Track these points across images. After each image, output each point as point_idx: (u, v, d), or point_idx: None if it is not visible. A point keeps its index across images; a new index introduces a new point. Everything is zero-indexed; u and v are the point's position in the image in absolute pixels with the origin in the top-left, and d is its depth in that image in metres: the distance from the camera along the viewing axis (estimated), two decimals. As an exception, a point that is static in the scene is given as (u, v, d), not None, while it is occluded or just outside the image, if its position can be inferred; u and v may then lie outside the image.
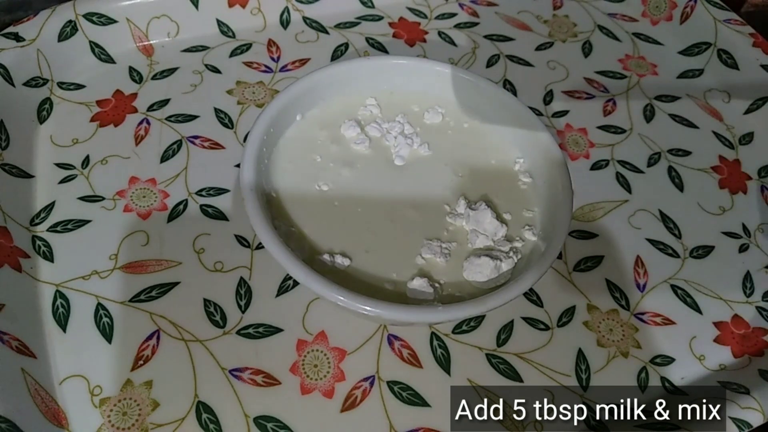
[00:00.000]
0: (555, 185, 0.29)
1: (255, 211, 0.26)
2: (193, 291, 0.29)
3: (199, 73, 0.38)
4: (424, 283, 0.27)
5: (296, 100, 0.31)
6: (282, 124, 0.31)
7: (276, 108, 0.30)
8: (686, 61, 0.43)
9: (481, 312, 0.25)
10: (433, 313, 0.25)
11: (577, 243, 0.33)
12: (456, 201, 0.30)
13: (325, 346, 0.28)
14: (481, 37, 0.43)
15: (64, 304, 0.28)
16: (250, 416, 0.26)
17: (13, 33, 0.35)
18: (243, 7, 0.41)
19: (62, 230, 0.31)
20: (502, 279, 0.27)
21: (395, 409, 0.27)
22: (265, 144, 0.29)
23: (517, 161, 0.32)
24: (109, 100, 0.36)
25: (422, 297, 0.26)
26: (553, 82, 0.40)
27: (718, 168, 0.37)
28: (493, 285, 0.27)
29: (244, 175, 0.27)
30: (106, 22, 0.38)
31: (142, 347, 0.27)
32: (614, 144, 0.38)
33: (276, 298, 0.29)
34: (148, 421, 0.26)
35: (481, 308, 0.25)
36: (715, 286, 0.32)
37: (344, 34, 0.42)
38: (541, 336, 0.29)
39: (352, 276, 0.27)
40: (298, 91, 0.31)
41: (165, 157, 0.34)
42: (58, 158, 0.33)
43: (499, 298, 0.25)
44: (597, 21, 0.45)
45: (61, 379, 0.26)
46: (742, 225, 0.35)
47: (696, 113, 0.40)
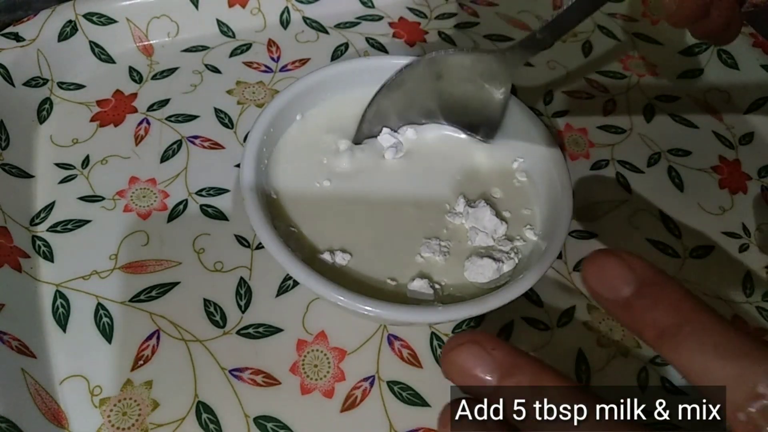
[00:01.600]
0: (554, 185, 0.29)
1: (255, 211, 0.26)
2: (193, 291, 0.29)
3: (199, 73, 0.38)
4: (424, 284, 0.27)
5: (296, 100, 0.31)
6: (282, 124, 0.31)
7: (276, 108, 0.30)
8: (686, 61, 0.43)
9: (480, 312, 0.25)
10: (432, 314, 0.25)
11: (577, 243, 0.33)
12: (455, 199, 0.30)
13: (325, 346, 0.28)
14: (481, 37, 0.43)
15: (64, 304, 0.28)
16: (250, 416, 0.26)
17: (13, 33, 0.35)
18: (243, 7, 0.41)
19: (62, 230, 0.31)
20: (503, 280, 0.27)
21: (395, 409, 0.27)
22: (265, 144, 0.29)
23: (516, 160, 0.32)
24: (109, 100, 0.36)
25: (422, 297, 0.26)
26: (553, 82, 0.40)
27: (718, 168, 0.37)
28: (493, 285, 0.27)
29: (244, 176, 0.27)
30: (106, 22, 0.38)
31: (142, 347, 0.27)
32: (614, 144, 0.38)
33: (276, 298, 0.29)
34: (148, 421, 0.26)
35: (481, 308, 0.25)
36: (715, 286, 0.32)
37: (344, 34, 0.42)
38: (541, 336, 0.29)
39: (352, 275, 0.27)
40: (298, 91, 0.31)
41: (165, 157, 0.34)
42: (58, 158, 0.33)
43: (499, 299, 0.25)
44: (597, 21, 0.45)
45: (61, 379, 0.26)
46: (742, 225, 0.35)
47: (696, 113, 0.40)
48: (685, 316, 0.19)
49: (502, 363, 0.20)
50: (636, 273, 0.20)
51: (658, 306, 0.20)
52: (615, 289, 0.20)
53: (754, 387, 0.18)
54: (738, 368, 0.18)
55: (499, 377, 0.20)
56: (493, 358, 0.20)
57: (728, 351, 0.18)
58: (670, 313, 0.20)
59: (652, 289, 0.20)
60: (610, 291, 0.21)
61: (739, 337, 0.19)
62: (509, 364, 0.20)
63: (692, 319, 0.19)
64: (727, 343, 0.19)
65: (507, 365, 0.20)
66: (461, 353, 0.20)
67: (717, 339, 0.19)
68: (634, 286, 0.20)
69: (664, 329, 0.19)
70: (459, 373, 0.20)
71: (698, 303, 0.20)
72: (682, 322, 0.19)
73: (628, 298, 0.20)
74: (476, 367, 0.20)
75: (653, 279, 0.20)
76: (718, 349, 0.18)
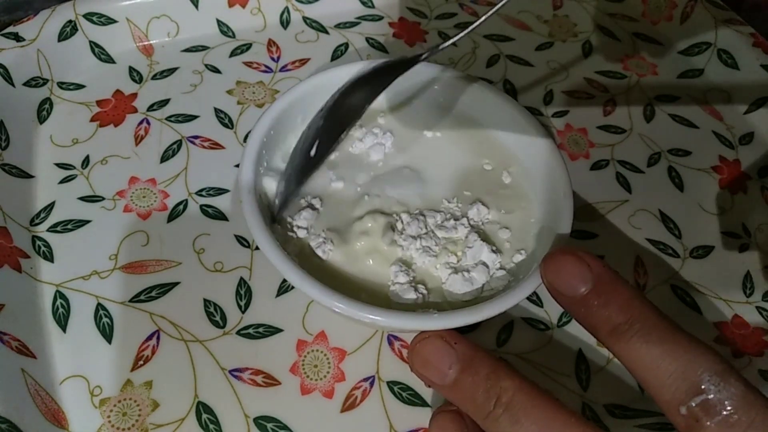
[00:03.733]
0: (555, 191, 0.29)
1: (252, 213, 0.26)
2: (193, 291, 0.29)
3: (199, 73, 0.38)
4: (407, 287, 0.26)
5: (299, 103, 0.31)
6: (283, 127, 0.31)
7: (277, 110, 0.30)
8: (686, 60, 0.43)
9: (477, 320, 0.24)
10: (429, 320, 0.24)
11: (577, 243, 0.33)
12: (451, 203, 0.29)
13: (325, 346, 0.28)
14: (481, 37, 0.43)
15: (64, 304, 0.28)
16: (250, 416, 0.26)
17: (13, 33, 0.35)
18: (243, 7, 0.41)
19: (62, 230, 0.31)
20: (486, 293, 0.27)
21: (395, 409, 0.27)
22: (265, 146, 0.29)
23: (514, 164, 0.31)
24: (109, 100, 0.36)
25: (405, 300, 0.26)
26: (553, 82, 0.40)
27: (718, 168, 0.37)
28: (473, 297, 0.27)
29: (242, 177, 0.27)
30: (106, 22, 0.38)
31: (142, 347, 0.27)
32: (614, 144, 0.38)
33: (276, 299, 0.29)
34: (148, 421, 0.26)
35: (477, 316, 0.24)
36: (715, 286, 0.32)
37: (344, 34, 0.42)
38: (542, 336, 0.29)
39: (346, 274, 0.27)
40: (300, 94, 0.31)
41: (165, 157, 0.34)
42: (58, 158, 0.33)
43: (498, 306, 0.24)
44: (597, 21, 0.45)
45: (61, 380, 0.26)
46: (742, 225, 0.35)
47: (696, 113, 0.40)
48: (636, 314, 0.20)
49: (464, 356, 0.21)
50: (593, 272, 0.21)
51: (611, 304, 0.21)
52: (573, 287, 0.22)
53: (697, 382, 0.19)
54: (683, 364, 0.19)
55: (459, 369, 0.21)
56: (455, 351, 0.21)
57: (674, 348, 0.19)
58: (623, 311, 0.21)
59: (606, 287, 0.21)
60: (568, 288, 0.22)
61: (684, 335, 0.20)
62: (469, 357, 0.21)
63: (642, 317, 0.20)
64: (674, 340, 0.20)
65: (467, 358, 0.21)
66: (426, 345, 0.22)
67: (664, 336, 0.20)
68: (591, 284, 0.21)
69: (617, 326, 0.20)
70: (422, 363, 0.21)
71: (647, 303, 0.21)
72: (632, 320, 0.20)
73: (585, 295, 0.21)
74: (439, 358, 0.21)
75: (608, 278, 0.21)
76: (665, 346, 0.20)
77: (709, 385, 0.19)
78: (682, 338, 0.20)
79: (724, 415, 0.18)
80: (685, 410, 0.19)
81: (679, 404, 0.19)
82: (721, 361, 0.19)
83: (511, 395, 0.20)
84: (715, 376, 0.19)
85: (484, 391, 0.20)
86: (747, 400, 0.18)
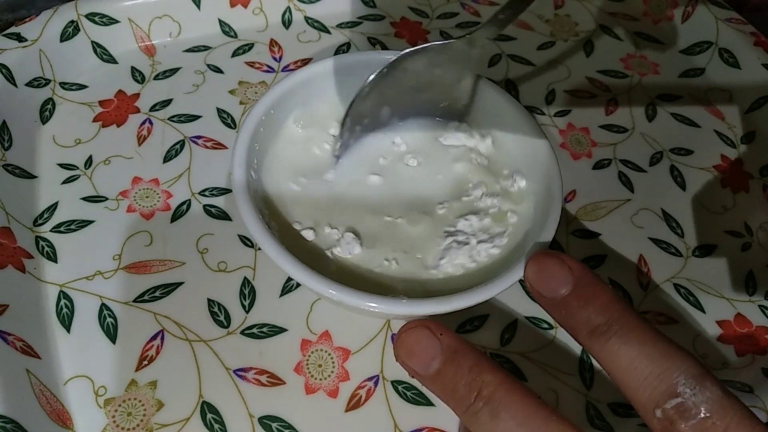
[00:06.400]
0: (548, 187, 0.28)
1: (248, 211, 0.25)
2: (196, 291, 0.29)
3: (201, 73, 0.38)
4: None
5: (289, 96, 0.30)
6: (275, 121, 0.30)
7: (266, 104, 0.29)
8: (688, 60, 0.43)
9: (475, 302, 0.24)
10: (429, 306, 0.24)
11: (580, 242, 0.33)
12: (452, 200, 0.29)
13: (330, 345, 0.28)
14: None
15: (68, 304, 0.28)
16: (255, 416, 0.26)
17: (15, 33, 0.35)
18: (245, 7, 0.41)
19: (65, 231, 0.31)
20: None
21: (400, 408, 0.27)
22: (257, 140, 0.28)
23: (509, 165, 0.31)
24: (111, 100, 0.36)
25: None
26: (554, 82, 0.41)
27: (720, 167, 0.37)
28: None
29: (235, 176, 0.27)
30: (108, 22, 0.38)
31: (147, 347, 0.27)
32: (616, 143, 0.38)
33: (280, 298, 0.29)
34: (153, 421, 0.26)
35: (478, 298, 0.24)
36: (717, 285, 0.32)
37: (346, 33, 0.42)
38: (545, 335, 0.30)
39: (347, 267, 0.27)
40: (291, 86, 0.30)
41: (168, 158, 0.34)
42: (60, 159, 0.33)
43: (497, 286, 0.24)
44: (598, 20, 0.45)
45: (66, 380, 0.26)
46: (744, 224, 0.35)
47: (698, 112, 0.40)
48: (615, 316, 0.20)
49: (448, 348, 0.21)
50: (574, 275, 0.22)
51: (590, 306, 0.21)
52: (553, 289, 0.22)
53: (673, 386, 0.19)
54: (659, 367, 0.19)
55: (442, 361, 0.21)
56: (440, 342, 0.21)
57: (651, 351, 0.20)
58: (602, 313, 0.21)
59: (586, 290, 0.21)
60: (549, 290, 0.22)
61: (662, 339, 0.20)
62: (454, 349, 0.21)
63: (621, 319, 0.20)
64: (652, 343, 0.20)
65: (452, 350, 0.21)
66: (411, 335, 0.21)
67: (642, 338, 0.20)
68: (572, 286, 0.21)
69: (595, 327, 0.21)
70: (407, 353, 0.21)
71: (627, 305, 0.21)
72: (611, 321, 0.20)
73: (566, 297, 0.21)
74: (423, 349, 0.21)
75: (588, 281, 0.22)
76: (643, 348, 0.20)
77: (685, 388, 0.19)
78: (660, 341, 0.20)
79: (699, 419, 0.18)
80: (661, 413, 0.19)
81: (654, 406, 0.19)
82: (698, 366, 0.19)
83: (492, 389, 0.20)
84: (691, 379, 0.19)
85: (465, 384, 0.20)
86: (723, 405, 0.18)
